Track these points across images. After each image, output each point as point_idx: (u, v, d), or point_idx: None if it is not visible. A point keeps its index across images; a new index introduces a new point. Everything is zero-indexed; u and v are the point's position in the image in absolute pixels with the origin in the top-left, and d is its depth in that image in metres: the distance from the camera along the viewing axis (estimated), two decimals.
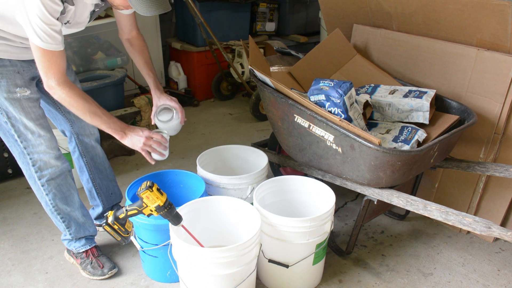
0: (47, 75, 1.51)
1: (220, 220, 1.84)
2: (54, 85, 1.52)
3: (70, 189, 1.87)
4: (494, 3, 1.81)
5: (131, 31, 1.85)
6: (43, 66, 1.49)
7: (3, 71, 1.60)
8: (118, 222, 1.64)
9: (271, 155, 2.24)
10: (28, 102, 1.67)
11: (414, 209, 1.68)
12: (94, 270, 1.93)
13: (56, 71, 1.50)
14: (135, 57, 1.90)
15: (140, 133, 1.69)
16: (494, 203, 2.12)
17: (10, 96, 1.63)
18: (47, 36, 1.42)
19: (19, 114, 1.66)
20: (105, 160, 2.11)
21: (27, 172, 1.78)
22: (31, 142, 1.71)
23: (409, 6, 2.15)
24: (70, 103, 1.57)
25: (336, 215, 2.38)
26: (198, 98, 4.10)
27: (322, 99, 1.75)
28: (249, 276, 1.62)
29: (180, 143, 3.29)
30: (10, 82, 1.62)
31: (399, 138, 1.81)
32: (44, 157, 1.74)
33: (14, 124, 1.67)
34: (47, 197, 1.81)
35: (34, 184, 1.79)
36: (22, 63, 1.65)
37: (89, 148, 2.02)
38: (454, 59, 2.05)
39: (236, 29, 4.12)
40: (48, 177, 1.77)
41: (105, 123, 1.64)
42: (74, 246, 1.96)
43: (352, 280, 1.94)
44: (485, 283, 1.93)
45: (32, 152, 1.72)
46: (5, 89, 1.61)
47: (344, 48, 2.34)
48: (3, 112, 1.65)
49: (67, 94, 1.54)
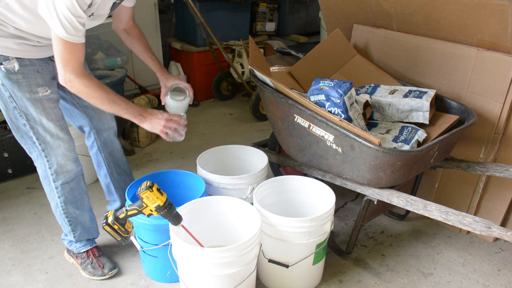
0: (65, 68, 1.49)
1: (220, 220, 1.84)
2: (73, 78, 1.51)
3: (82, 193, 1.88)
4: (494, 3, 1.81)
5: (128, 22, 1.86)
6: (62, 59, 1.48)
7: (24, 70, 1.60)
8: (118, 222, 1.64)
9: (271, 155, 2.24)
10: (49, 103, 1.68)
11: (414, 209, 1.68)
12: (95, 270, 1.93)
13: (75, 64, 1.50)
14: (134, 45, 1.91)
15: (159, 116, 1.70)
16: (494, 203, 2.12)
17: (32, 96, 1.63)
18: (73, 28, 1.41)
19: (40, 115, 1.66)
20: (123, 154, 2.13)
21: (42, 173, 1.78)
22: (49, 145, 1.71)
23: (409, 6, 2.15)
24: (89, 94, 1.56)
25: (336, 215, 2.38)
26: (198, 98, 4.10)
27: (322, 99, 1.75)
28: (249, 276, 1.62)
29: (180, 143, 3.28)
30: (31, 81, 1.62)
31: (399, 138, 1.81)
32: (62, 160, 1.75)
33: (33, 126, 1.67)
34: (59, 199, 1.82)
35: (48, 185, 1.80)
36: (40, 62, 1.65)
37: (108, 142, 2.04)
38: (454, 59, 2.05)
39: (236, 29, 4.12)
40: (63, 181, 1.78)
41: (123, 109, 1.64)
42: (75, 246, 1.97)
43: (352, 280, 1.94)
44: (485, 283, 1.93)
45: (50, 154, 1.72)
46: (27, 89, 1.61)
47: (344, 48, 2.34)
48: (22, 114, 1.65)
49: (86, 85, 1.54)
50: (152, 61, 1.92)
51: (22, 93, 1.61)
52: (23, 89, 1.61)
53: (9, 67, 1.56)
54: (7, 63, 1.55)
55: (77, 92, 1.56)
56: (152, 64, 1.92)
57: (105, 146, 2.03)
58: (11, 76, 1.58)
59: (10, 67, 1.56)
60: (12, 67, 1.56)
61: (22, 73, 1.59)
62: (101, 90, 1.58)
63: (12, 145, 2.65)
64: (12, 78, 1.58)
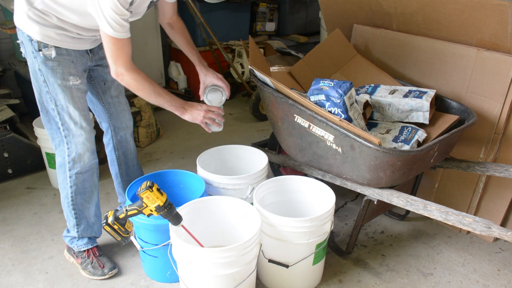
0: (116, 62, 1.60)
1: (220, 220, 1.84)
2: (124, 72, 1.61)
3: (93, 187, 1.93)
4: (494, 3, 1.81)
5: (172, 16, 1.96)
6: (112, 54, 1.59)
7: (60, 59, 1.69)
8: (118, 222, 1.64)
9: (271, 155, 2.24)
10: (78, 92, 1.76)
11: (414, 209, 1.68)
12: (95, 270, 1.93)
13: (124, 59, 1.60)
14: (177, 38, 2.02)
15: (199, 108, 1.83)
16: (494, 203, 2.12)
17: (63, 83, 1.71)
18: (118, 25, 1.51)
19: (68, 102, 1.74)
20: (135, 157, 2.19)
21: (60, 161, 1.84)
22: (72, 132, 1.79)
23: (409, 6, 2.15)
24: (137, 87, 1.66)
25: (336, 215, 2.38)
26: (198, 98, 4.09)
27: (322, 99, 1.75)
28: (249, 276, 1.62)
29: (180, 143, 3.29)
30: (65, 70, 1.70)
31: (399, 138, 1.81)
32: (81, 149, 1.81)
33: (60, 112, 1.75)
34: (70, 189, 1.86)
35: (63, 173, 1.85)
36: (77, 53, 1.74)
37: (123, 142, 2.10)
38: (454, 59, 2.05)
39: (236, 29, 4.12)
40: (78, 170, 1.84)
41: (168, 102, 1.75)
42: (76, 244, 1.97)
43: (352, 280, 1.94)
44: (485, 283, 1.93)
45: (71, 142, 1.80)
46: (60, 76, 1.70)
47: (344, 48, 2.34)
48: (52, 99, 1.74)
49: (135, 79, 1.64)
50: (193, 55, 2.03)
51: (54, 79, 1.70)
52: (56, 76, 1.69)
53: (47, 53, 1.65)
54: (46, 50, 1.65)
55: (127, 85, 1.66)
56: (192, 57, 2.04)
57: (120, 145, 2.10)
58: (48, 63, 1.67)
59: (48, 54, 1.65)
60: (50, 54, 1.66)
61: (57, 61, 1.68)
62: (148, 83, 1.68)
63: (12, 145, 2.65)
64: (48, 64, 1.67)
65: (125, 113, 2.06)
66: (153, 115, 3.24)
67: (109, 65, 1.62)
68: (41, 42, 1.63)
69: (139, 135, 3.18)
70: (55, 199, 2.55)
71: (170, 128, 3.53)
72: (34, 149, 2.73)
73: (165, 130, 3.49)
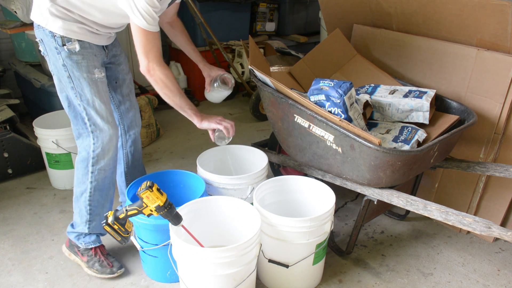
0: (148, 57, 1.60)
1: (220, 220, 1.84)
2: (156, 67, 1.62)
3: (111, 184, 1.93)
4: (494, 3, 1.81)
5: (173, 16, 1.99)
6: (145, 49, 1.59)
7: (84, 52, 1.70)
8: (118, 222, 1.64)
9: (271, 155, 2.24)
10: (103, 85, 1.78)
11: (414, 209, 1.68)
12: (103, 268, 1.91)
13: (156, 53, 1.61)
14: (177, 37, 2.05)
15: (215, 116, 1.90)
16: (494, 203, 2.12)
17: (89, 76, 1.72)
18: (151, 17, 1.53)
19: (94, 96, 1.74)
20: (140, 158, 2.19)
21: (83, 156, 1.82)
22: (99, 127, 1.78)
23: (409, 6, 2.15)
24: (165, 84, 1.67)
25: (336, 215, 2.38)
26: (198, 98, 4.10)
27: (322, 99, 1.75)
28: (249, 276, 1.62)
29: (180, 143, 3.29)
30: (89, 63, 1.72)
31: (399, 138, 1.81)
32: (107, 145, 1.81)
33: (86, 107, 1.75)
34: (90, 184, 1.84)
35: (84, 168, 1.83)
36: (97, 47, 1.76)
37: (132, 141, 2.10)
38: (454, 59, 2.05)
39: (236, 29, 4.12)
40: (101, 166, 1.83)
41: (189, 105, 1.77)
42: (84, 240, 1.94)
43: (352, 280, 1.94)
44: (485, 283, 1.93)
45: (98, 137, 1.79)
46: (86, 69, 1.71)
47: (344, 48, 2.34)
48: (77, 94, 1.74)
49: (166, 75, 1.65)
50: (194, 53, 2.06)
51: (80, 73, 1.71)
52: (81, 69, 1.71)
53: (71, 47, 1.67)
54: (69, 44, 1.66)
55: (155, 81, 1.66)
56: (194, 55, 2.06)
57: (128, 144, 2.10)
58: (72, 56, 1.68)
59: (72, 47, 1.67)
60: (74, 48, 1.67)
61: (82, 54, 1.70)
62: (175, 82, 1.70)
63: (12, 145, 2.65)
64: (73, 58, 1.69)
65: (135, 111, 2.07)
66: (153, 115, 3.24)
67: (140, 60, 1.61)
68: (64, 37, 1.65)
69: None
70: (55, 199, 2.55)
71: (170, 128, 3.53)
72: (34, 149, 2.73)
73: (165, 130, 3.49)
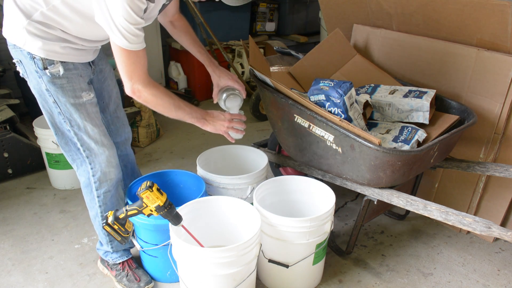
0: (131, 78, 1.44)
1: (220, 220, 1.84)
2: (141, 88, 1.46)
3: (119, 200, 1.83)
4: (494, 3, 1.81)
5: (174, 14, 1.82)
6: (127, 70, 1.42)
7: (68, 75, 1.54)
8: (118, 222, 1.64)
9: (271, 155, 2.24)
10: (92, 107, 1.63)
11: (414, 209, 1.68)
12: (130, 283, 1.86)
13: (141, 73, 1.44)
14: (180, 37, 1.86)
15: (221, 117, 1.71)
16: (494, 203, 2.12)
17: (76, 101, 1.57)
18: (133, 36, 1.36)
19: (85, 120, 1.60)
20: (135, 164, 2.08)
21: (85, 181, 1.72)
22: (94, 152, 1.66)
23: (409, 6, 2.15)
24: (156, 103, 1.51)
25: (336, 215, 2.38)
26: (198, 98, 4.10)
27: (322, 99, 1.75)
28: (249, 276, 1.62)
29: (180, 143, 3.29)
30: (75, 86, 1.56)
31: (399, 138, 1.81)
32: (106, 168, 1.69)
33: (77, 133, 1.62)
34: (100, 208, 1.76)
35: (90, 193, 1.74)
36: (82, 66, 1.60)
37: (124, 156, 1.99)
38: (454, 59, 2.05)
39: (236, 29, 4.12)
40: (106, 189, 1.73)
41: (188, 114, 1.61)
42: (111, 257, 1.90)
43: (352, 280, 1.94)
44: (485, 283, 1.93)
45: (94, 162, 1.67)
46: (72, 94, 1.56)
47: (344, 48, 2.34)
48: (66, 120, 1.59)
49: (154, 94, 1.49)
50: (201, 55, 1.86)
51: (66, 99, 1.56)
52: (67, 94, 1.55)
53: (54, 71, 1.50)
54: (52, 67, 1.50)
55: (144, 102, 1.51)
56: (201, 58, 1.87)
57: (121, 159, 1.96)
58: (56, 81, 1.52)
59: (55, 71, 1.51)
60: (57, 71, 1.51)
61: (66, 77, 1.54)
62: (167, 97, 1.54)
63: (12, 145, 2.65)
64: (56, 83, 1.53)
65: (124, 127, 1.95)
66: (153, 115, 3.24)
67: (124, 82, 1.46)
68: (45, 59, 1.47)
69: (139, 135, 3.18)
70: (55, 199, 2.55)
71: (170, 128, 3.53)
72: (34, 149, 2.73)
73: (165, 130, 3.49)
